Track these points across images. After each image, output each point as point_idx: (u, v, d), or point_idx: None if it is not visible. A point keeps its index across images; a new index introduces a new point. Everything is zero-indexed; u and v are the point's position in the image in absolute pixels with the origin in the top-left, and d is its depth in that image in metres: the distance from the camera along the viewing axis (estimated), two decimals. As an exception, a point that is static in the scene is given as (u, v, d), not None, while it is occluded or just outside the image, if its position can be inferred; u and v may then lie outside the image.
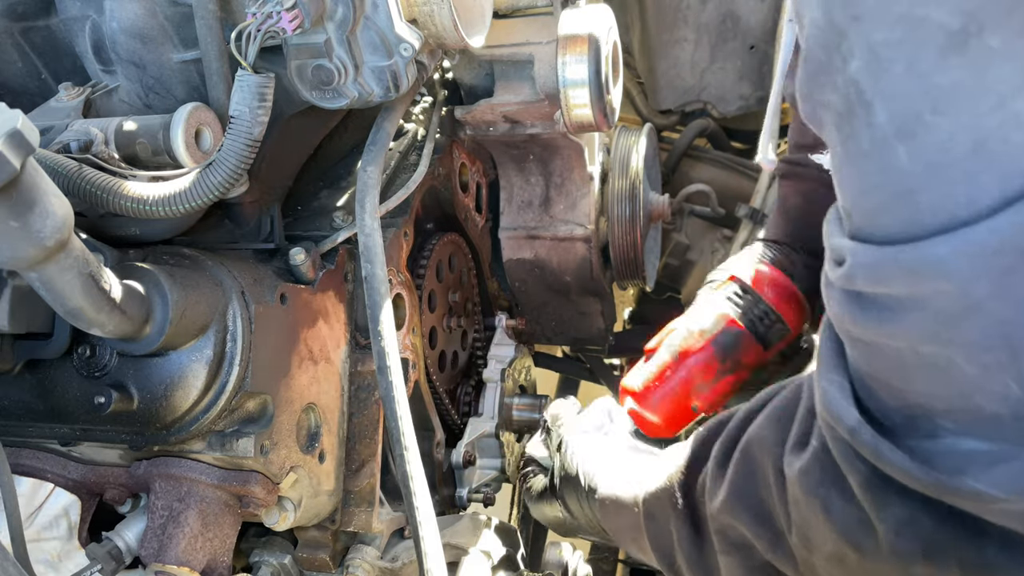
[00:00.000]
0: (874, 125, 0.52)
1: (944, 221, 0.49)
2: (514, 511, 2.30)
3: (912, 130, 0.50)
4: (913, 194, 0.51)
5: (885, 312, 0.54)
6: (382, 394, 0.96)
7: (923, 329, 0.52)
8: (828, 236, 0.60)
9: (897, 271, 0.52)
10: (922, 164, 0.50)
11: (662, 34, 2.15)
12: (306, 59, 0.96)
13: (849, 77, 0.52)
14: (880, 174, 0.53)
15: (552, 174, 1.53)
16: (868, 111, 0.52)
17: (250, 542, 1.17)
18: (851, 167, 0.55)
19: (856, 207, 0.56)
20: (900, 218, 0.52)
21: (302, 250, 1.05)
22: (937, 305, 0.51)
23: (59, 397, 0.92)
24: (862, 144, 0.53)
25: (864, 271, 0.55)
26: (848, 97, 0.53)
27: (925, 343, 0.53)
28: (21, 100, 1.20)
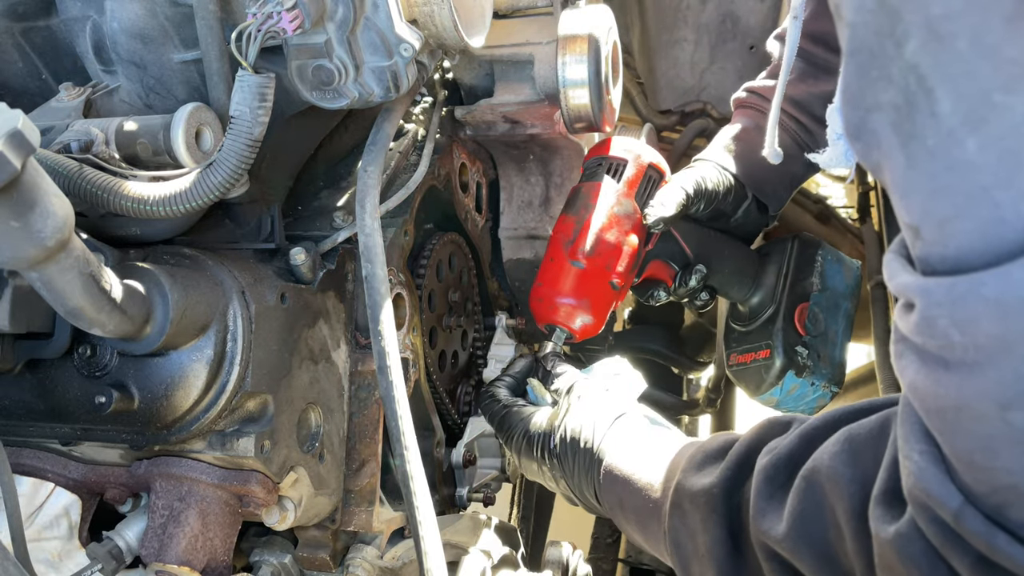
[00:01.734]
0: (938, 115, 0.45)
1: None
2: (514, 511, 2.30)
3: (982, 116, 0.44)
4: (988, 191, 0.44)
5: (966, 368, 0.47)
6: (382, 394, 0.96)
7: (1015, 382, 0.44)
8: (890, 277, 0.52)
9: (982, 305, 0.44)
10: (996, 154, 0.43)
11: (662, 34, 2.15)
12: (306, 59, 0.96)
13: (906, 63, 0.46)
14: (949, 173, 0.45)
15: (552, 174, 1.53)
16: (930, 99, 0.45)
17: (250, 541, 1.17)
18: (915, 172, 0.48)
19: (925, 219, 0.48)
20: (976, 225, 0.45)
21: (302, 250, 1.05)
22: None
23: (60, 397, 0.92)
24: (927, 141, 0.46)
25: (942, 310, 0.47)
26: (907, 87, 0.46)
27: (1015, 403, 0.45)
28: (22, 100, 1.20)
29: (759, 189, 1.37)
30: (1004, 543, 0.49)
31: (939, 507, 0.53)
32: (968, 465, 0.50)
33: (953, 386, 0.48)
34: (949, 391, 0.49)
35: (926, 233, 0.48)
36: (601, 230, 1.30)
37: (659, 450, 0.97)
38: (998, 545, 0.49)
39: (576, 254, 1.29)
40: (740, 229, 1.41)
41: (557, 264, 1.31)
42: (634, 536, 0.99)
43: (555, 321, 1.30)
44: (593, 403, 1.10)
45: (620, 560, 2.23)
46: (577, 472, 1.05)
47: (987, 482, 0.50)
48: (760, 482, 0.77)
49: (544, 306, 1.31)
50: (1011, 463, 0.47)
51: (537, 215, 1.55)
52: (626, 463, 0.98)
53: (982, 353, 0.46)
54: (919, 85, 0.46)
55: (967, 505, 0.51)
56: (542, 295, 1.31)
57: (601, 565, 2.25)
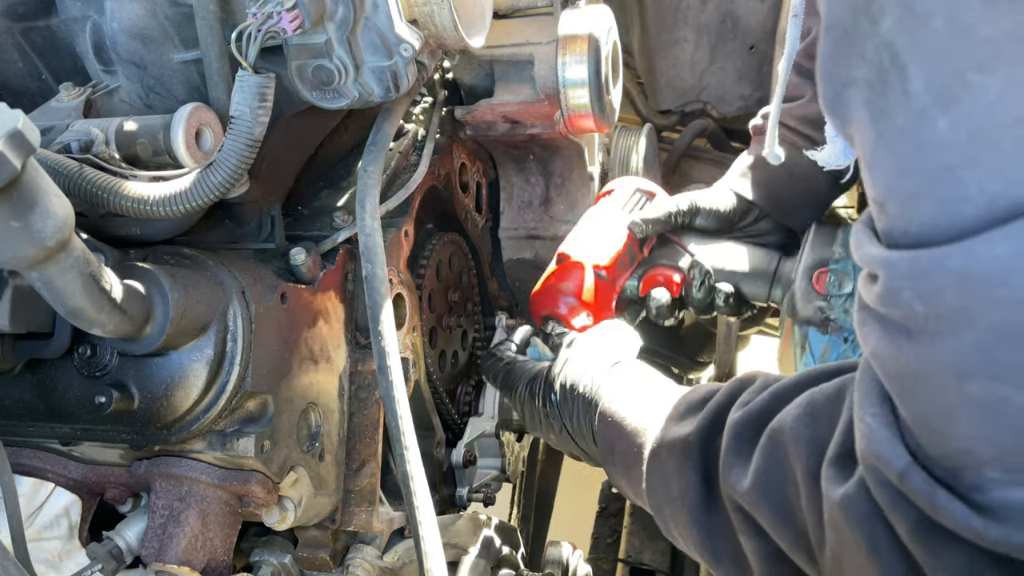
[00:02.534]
0: (910, 93, 0.45)
1: (992, 202, 0.42)
2: (514, 511, 2.30)
3: (954, 94, 0.43)
4: (955, 170, 0.44)
5: (927, 338, 0.48)
6: (382, 394, 0.96)
7: (973, 354, 0.45)
8: (857, 247, 0.53)
9: (944, 278, 0.45)
10: (965, 133, 0.43)
11: (662, 34, 2.15)
12: (306, 59, 0.96)
13: (881, 39, 0.46)
14: (917, 152, 0.46)
15: (552, 174, 1.53)
16: (903, 77, 0.45)
17: (250, 541, 1.17)
18: (884, 149, 0.48)
19: (891, 195, 0.49)
20: (941, 202, 0.45)
21: (302, 250, 1.06)
22: (991, 319, 0.44)
23: (60, 397, 0.92)
24: (896, 119, 0.47)
25: (905, 282, 0.48)
26: (880, 64, 0.47)
27: (974, 374, 0.46)
28: (22, 100, 1.20)
29: (780, 212, 1.37)
30: (944, 500, 0.50)
31: (886, 467, 0.54)
32: (925, 429, 0.52)
33: (914, 354, 0.49)
34: (910, 359, 0.50)
35: (891, 208, 0.49)
36: (585, 230, 1.35)
37: (650, 397, 0.98)
38: (939, 502, 0.51)
39: (562, 252, 1.33)
40: (766, 240, 1.40)
41: (551, 266, 1.34)
42: (621, 483, 1.00)
43: (551, 312, 1.31)
44: (592, 352, 1.11)
45: (620, 560, 2.23)
46: (576, 418, 1.06)
47: (942, 446, 0.51)
48: (729, 437, 0.79)
49: (537, 300, 1.32)
50: (966, 429, 0.49)
51: (537, 215, 1.55)
52: (619, 407, 0.99)
53: (943, 323, 0.46)
54: (892, 62, 0.46)
55: (913, 465, 0.52)
56: (535, 291, 1.33)
57: (601, 565, 2.25)
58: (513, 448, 1.56)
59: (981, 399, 0.46)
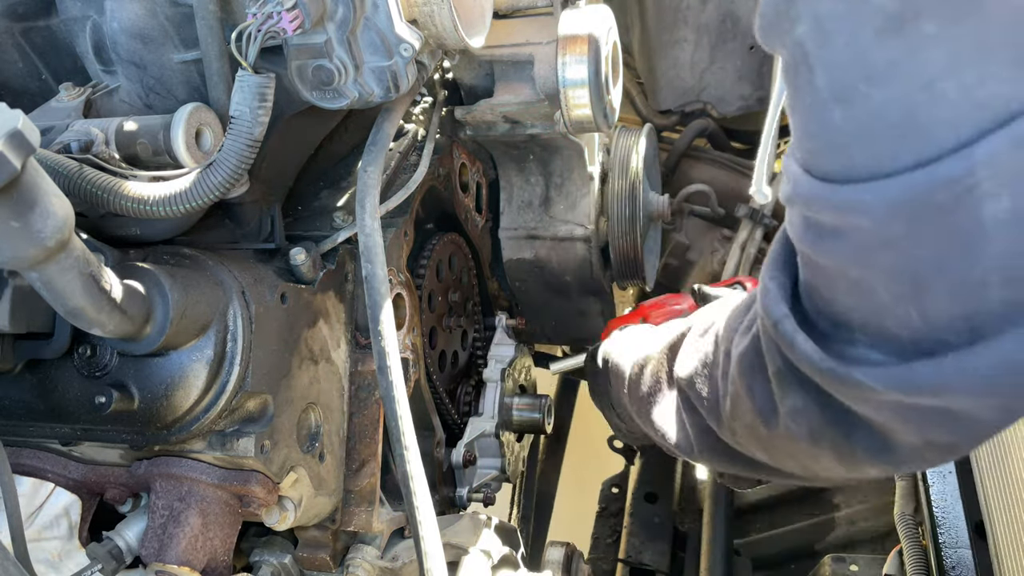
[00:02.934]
0: (814, 86, 0.57)
1: (871, 172, 0.56)
2: (514, 511, 2.30)
3: (848, 96, 0.55)
4: (846, 148, 0.57)
5: (819, 233, 0.62)
6: (382, 394, 0.96)
7: (845, 255, 0.61)
8: (786, 156, 0.67)
9: (827, 205, 0.60)
10: (855, 125, 0.56)
11: (662, 34, 2.15)
12: (306, 59, 0.96)
13: (795, 39, 0.57)
14: (819, 127, 0.59)
15: (552, 174, 1.53)
16: (810, 73, 0.57)
17: (250, 541, 1.17)
18: (797, 114, 0.62)
19: (800, 146, 0.63)
20: (834, 164, 0.59)
21: (302, 250, 1.06)
22: (858, 238, 0.58)
23: (60, 397, 0.92)
24: (805, 99, 0.59)
25: (802, 199, 0.62)
26: (794, 56, 0.58)
27: (850, 266, 0.61)
28: (22, 100, 1.20)
29: None
30: (801, 340, 0.65)
31: (767, 317, 0.70)
32: (819, 293, 0.66)
33: (809, 240, 0.64)
34: (807, 242, 0.64)
35: (799, 154, 0.63)
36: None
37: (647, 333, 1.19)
38: (797, 341, 0.66)
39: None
40: None
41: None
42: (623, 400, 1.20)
43: None
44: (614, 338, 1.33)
45: (620, 560, 2.23)
46: (599, 375, 1.30)
47: (829, 306, 0.65)
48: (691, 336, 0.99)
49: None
50: (845, 300, 0.63)
51: (537, 215, 1.55)
52: (621, 356, 1.22)
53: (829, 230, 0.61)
54: (803, 59, 0.58)
55: (787, 317, 0.67)
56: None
57: (601, 565, 2.24)
58: (513, 448, 1.56)
59: (858, 283, 0.61)
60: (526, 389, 1.65)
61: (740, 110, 2.25)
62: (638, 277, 1.64)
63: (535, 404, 1.53)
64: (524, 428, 1.55)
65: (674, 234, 2.08)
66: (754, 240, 1.98)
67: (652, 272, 1.74)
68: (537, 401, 1.54)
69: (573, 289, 1.64)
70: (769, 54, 1.53)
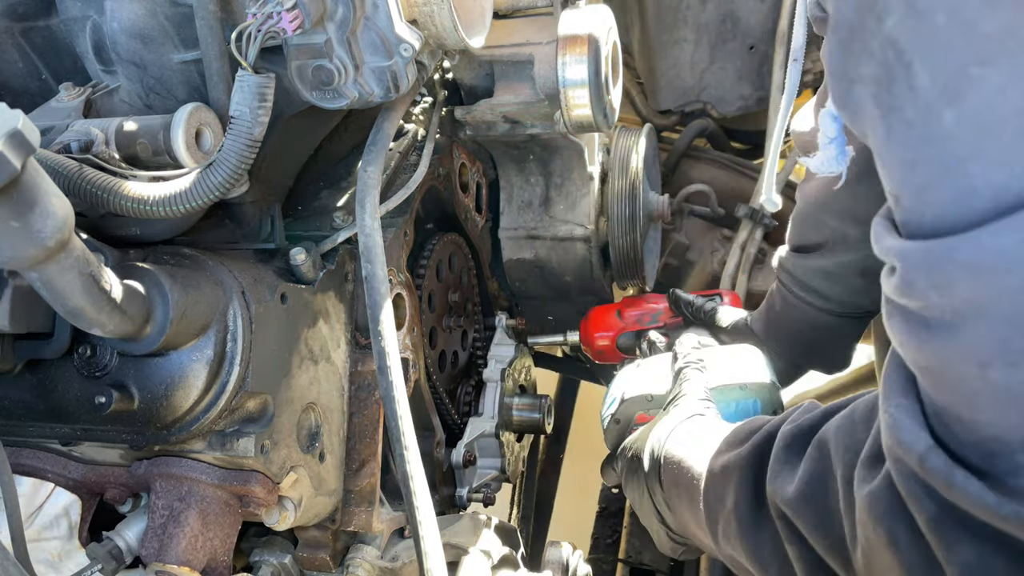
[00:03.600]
0: (916, 89, 0.47)
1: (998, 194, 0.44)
2: (514, 511, 2.30)
3: (958, 89, 0.45)
4: (964, 163, 0.45)
5: (945, 329, 0.49)
6: (382, 394, 0.96)
7: (990, 342, 0.46)
8: (876, 240, 0.55)
9: (955, 269, 0.46)
10: (971, 126, 0.45)
11: (662, 34, 2.15)
12: (306, 59, 0.96)
13: (886, 37, 0.48)
14: (926, 144, 0.47)
15: (552, 174, 1.53)
16: (909, 73, 0.47)
17: (250, 541, 1.17)
18: (895, 143, 0.50)
19: (904, 187, 0.51)
20: (951, 194, 0.46)
21: (302, 250, 1.06)
22: (1003, 309, 0.45)
23: (60, 397, 0.92)
24: (905, 114, 0.48)
25: (919, 274, 0.49)
26: (886, 61, 0.48)
27: (993, 362, 0.47)
28: (22, 100, 1.20)
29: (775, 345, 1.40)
30: (961, 478, 0.51)
31: (907, 453, 0.55)
32: (956, 418, 0.53)
33: (935, 346, 0.51)
34: (932, 350, 0.51)
35: (905, 201, 0.51)
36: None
37: (708, 433, 1.01)
38: (955, 481, 0.51)
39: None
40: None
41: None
42: (684, 515, 1.02)
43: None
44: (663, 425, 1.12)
45: (620, 560, 2.22)
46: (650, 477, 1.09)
47: (974, 433, 0.52)
48: (779, 448, 0.81)
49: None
50: (993, 416, 0.50)
51: (537, 215, 1.55)
52: (682, 448, 1.02)
53: (959, 315, 0.48)
54: (898, 59, 0.47)
55: (934, 448, 0.53)
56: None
57: (601, 565, 2.24)
58: (513, 448, 1.56)
59: (1004, 386, 0.47)
60: (526, 389, 1.65)
61: (740, 110, 2.25)
62: (638, 277, 1.64)
63: (535, 404, 1.53)
64: (524, 428, 1.55)
65: (674, 234, 2.08)
66: (754, 240, 1.98)
67: (652, 272, 1.74)
68: (537, 401, 1.54)
69: (573, 289, 1.64)
70: (769, 54, 1.53)
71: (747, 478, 0.85)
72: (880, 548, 0.62)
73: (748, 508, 0.84)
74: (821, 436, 0.75)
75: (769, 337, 1.38)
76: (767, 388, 1.22)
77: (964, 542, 0.54)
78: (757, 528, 0.83)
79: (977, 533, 0.53)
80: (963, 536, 0.54)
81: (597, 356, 1.64)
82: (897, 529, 0.60)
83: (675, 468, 1.01)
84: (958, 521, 0.54)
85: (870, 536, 0.64)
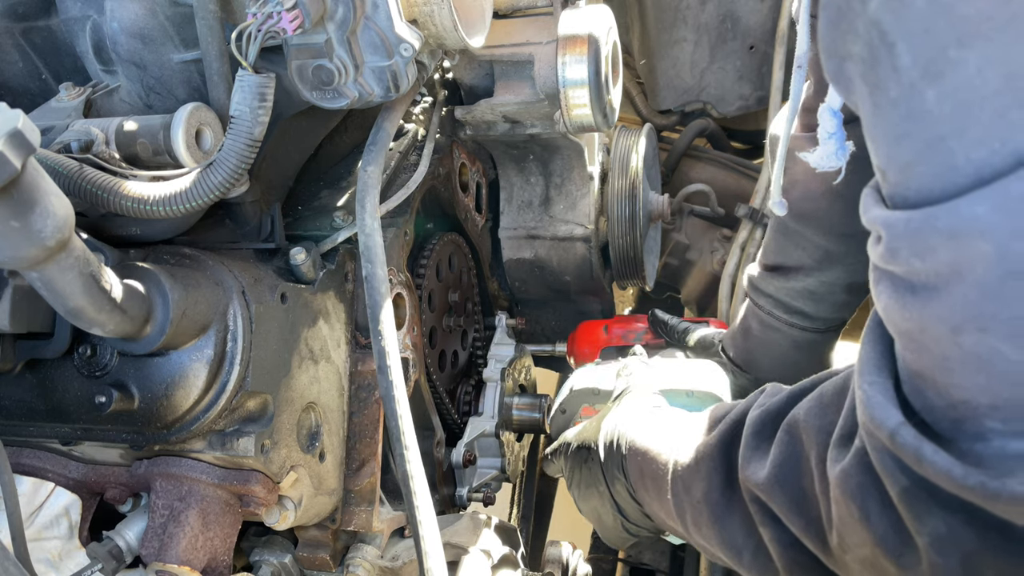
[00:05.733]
0: (899, 69, 0.49)
1: (979, 170, 0.46)
2: (514, 511, 2.30)
3: (938, 69, 0.47)
4: (944, 140, 0.47)
5: (926, 293, 0.51)
6: (382, 393, 0.96)
7: (963, 307, 0.48)
8: (864, 211, 0.56)
9: (936, 236, 0.48)
10: (951, 105, 0.47)
11: (662, 34, 2.15)
12: (306, 59, 0.96)
13: (870, 18, 0.50)
14: (910, 121, 0.49)
15: (552, 174, 1.53)
16: (892, 53, 0.49)
17: (250, 541, 1.17)
18: (881, 119, 0.52)
19: (890, 162, 0.53)
20: (934, 169, 0.48)
21: (303, 250, 1.06)
22: (977, 274, 0.47)
23: (60, 397, 0.92)
24: (889, 92, 0.50)
25: (902, 242, 0.51)
26: (871, 42, 0.50)
27: (965, 326, 0.49)
28: (22, 100, 1.20)
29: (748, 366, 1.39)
30: (930, 451, 0.52)
31: (879, 428, 0.56)
32: (930, 382, 0.54)
33: (916, 309, 0.52)
34: (912, 314, 0.53)
35: (891, 175, 0.53)
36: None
37: (673, 423, 1.02)
38: (924, 454, 0.52)
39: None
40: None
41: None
42: (653, 506, 1.01)
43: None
44: (626, 403, 1.14)
45: (620, 560, 2.23)
46: (611, 465, 1.08)
47: (945, 397, 0.53)
48: (748, 434, 0.82)
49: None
50: (963, 380, 0.51)
51: (537, 215, 1.55)
52: (646, 436, 1.02)
53: (940, 279, 0.49)
54: (881, 40, 0.49)
55: (904, 424, 0.55)
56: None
57: (601, 565, 2.24)
58: (513, 448, 1.56)
59: (975, 351, 0.49)
60: (526, 389, 1.65)
61: (740, 110, 2.25)
62: (638, 277, 1.64)
63: (535, 404, 1.53)
64: (524, 428, 1.55)
65: (674, 234, 2.08)
66: (754, 240, 1.98)
67: (652, 272, 1.75)
68: (537, 401, 1.54)
69: (573, 289, 1.64)
70: (769, 54, 1.53)
71: (717, 466, 0.86)
72: (852, 523, 0.63)
73: (719, 495, 0.85)
74: (791, 419, 0.76)
75: (745, 360, 1.36)
76: (714, 398, 1.21)
77: (934, 514, 0.55)
78: (728, 513, 0.84)
79: (946, 505, 0.54)
80: (933, 508, 0.55)
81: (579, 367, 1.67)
82: (868, 503, 0.61)
83: (640, 459, 1.01)
84: (928, 493, 0.55)
85: (842, 513, 0.65)
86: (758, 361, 1.35)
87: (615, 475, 1.06)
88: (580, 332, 1.67)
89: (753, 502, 0.80)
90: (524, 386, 1.64)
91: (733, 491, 0.84)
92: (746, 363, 1.36)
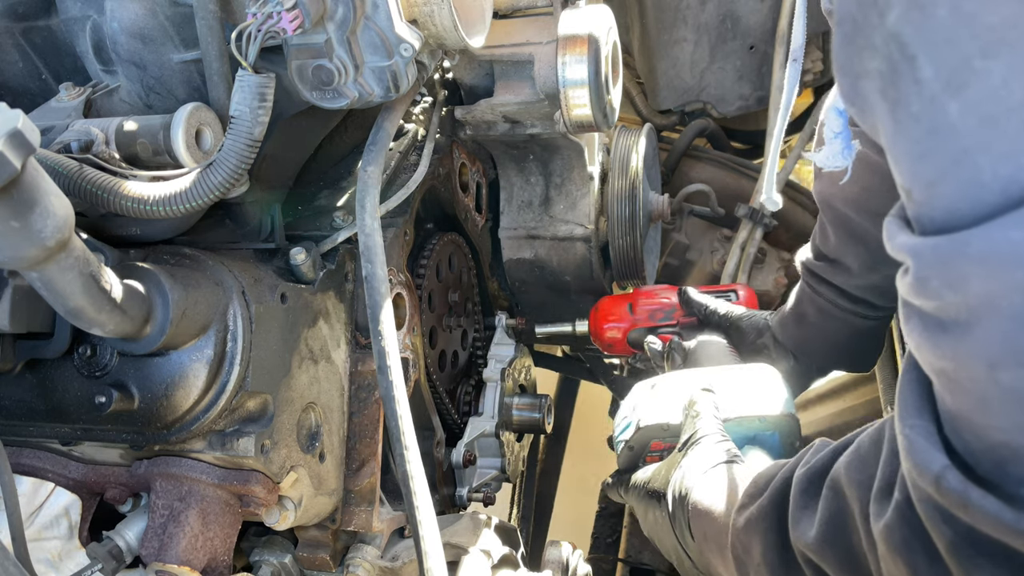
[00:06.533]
0: (921, 82, 0.47)
1: (1008, 188, 0.44)
2: (514, 511, 2.30)
3: (962, 81, 0.45)
4: (970, 155, 0.45)
5: (959, 328, 0.47)
6: (382, 393, 0.96)
7: (1000, 341, 0.45)
8: (888, 239, 0.53)
9: (968, 264, 0.45)
10: (976, 118, 0.45)
11: (662, 34, 2.15)
12: (306, 59, 0.96)
13: (889, 31, 0.48)
14: (933, 136, 0.47)
15: (552, 174, 1.53)
16: (913, 66, 0.47)
17: (250, 541, 1.17)
18: (903, 137, 0.50)
19: (914, 181, 0.50)
20: (960, 186, 0.46)
21: (303, 250, 1.06)
22: (1013, 306, 0.44)
23: (60, 397, 0.92)
24: (911, 107, 0.48)
25: (932, 271, 0.48)
26: (890, 56, 0.48)
27: (1003, 361, 0.46)
28: (22, 100, 1.20)
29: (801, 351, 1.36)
30: (977, 496, 0.49)
31: (923, 475, 0.53)
32: (968, 425, 0.51)
33: (949, 347, 0.49)
34: (946, 352, 0.50)
35: (916, 195, 0.50)
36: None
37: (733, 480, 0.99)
38: (972, 500, 0.49)
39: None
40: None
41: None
42: (717, 565, 1.00)
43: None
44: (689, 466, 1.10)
45: (620, 560, 2.23)
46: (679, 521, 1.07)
47: (985, 439, 0.50)
48: (796, 493, 0.80)
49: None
50: (1002, 421, 0.48)
51: (537, 215, 1.55)
52: (707, 495, 1.01)
53: (972, 313, 0.47)
54: (901, 53, 0.47)
55: (949, 468, 0.51)
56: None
57: (601, 565, 2.24)
58: (513, 448, 1.56)
59: (1012, 387, 0.46)
60: (526, 389, 1.65)
61: (740, 110, 2.25)
62: (638, 277, 1.64)
63: (535, 404, 1.53)
64: (524, 428, 1.55)
65: (674, 234, 2.08)
66: (754, 240, 1.98)
67: (652, 272, 1.74)
68: (537, 401, 1.54)
69: (573, 289, 1.64)
70: (769, 54, 1.53)
71: (770, 528, 0.84)
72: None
73: (776, 557, 0.83)
74: (833, 475, 0.74)
75: (799, 347, 1.33)
76: (786, 420, 1.17)
77: (985, 566, 0.52)
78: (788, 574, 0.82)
79: (994, 557, 0.52)
80: (984, 560, 0.52)
81: (606, 348, 1.63)
82: (916, 558, 0.58)
83: (703, 520, 1.00)
84: (978, 545, 0.52)
85: (891, 569, 0.62)
86: (814, 348, 1.31)
87: (683, 530, 1.06)
88: (602, 311, 1.61)
89: (807, 564, 0.77)
90: (524, 386, 1.64)
91: (788, 553, 0.82)
92: (800, 349, 1.33)
